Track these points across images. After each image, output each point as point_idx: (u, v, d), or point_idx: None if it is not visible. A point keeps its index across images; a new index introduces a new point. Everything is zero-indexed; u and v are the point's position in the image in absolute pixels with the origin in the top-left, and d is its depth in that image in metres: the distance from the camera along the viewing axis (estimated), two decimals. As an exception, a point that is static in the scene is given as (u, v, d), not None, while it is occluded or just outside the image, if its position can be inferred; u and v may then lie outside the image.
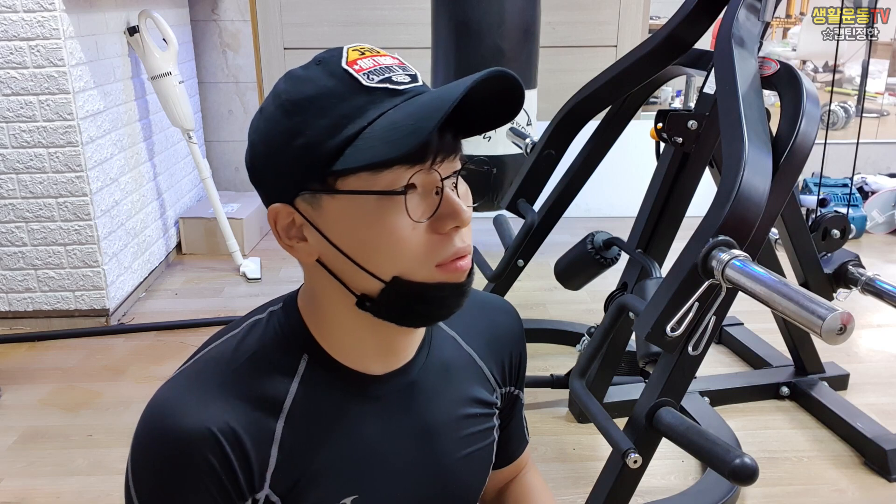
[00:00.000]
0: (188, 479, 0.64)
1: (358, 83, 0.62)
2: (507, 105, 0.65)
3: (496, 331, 0.85)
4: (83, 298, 2.78)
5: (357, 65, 0.63)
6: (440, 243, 0.64)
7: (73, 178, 2.64)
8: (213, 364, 0.69)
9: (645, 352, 1.53)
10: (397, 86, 0.63)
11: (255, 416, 0.66)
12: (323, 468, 0.69)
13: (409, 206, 0.62)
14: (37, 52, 2.51)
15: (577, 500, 1.82)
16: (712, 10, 1.76)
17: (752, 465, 1.09)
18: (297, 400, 0.69)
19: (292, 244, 0.67)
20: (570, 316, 2.83)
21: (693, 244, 1.22)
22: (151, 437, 0.65)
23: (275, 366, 0.69)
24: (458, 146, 0.65)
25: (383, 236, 0.63)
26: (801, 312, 1.01)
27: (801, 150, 1.33)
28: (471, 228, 0.67)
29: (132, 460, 0.66)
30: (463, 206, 0.64)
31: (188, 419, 0.64)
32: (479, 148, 3.19)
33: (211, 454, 0.63)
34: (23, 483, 1.92)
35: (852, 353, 2.59)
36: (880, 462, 1.95)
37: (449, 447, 0.77)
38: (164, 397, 0.66)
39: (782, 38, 6.11)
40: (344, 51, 0.65)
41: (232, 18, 3.95)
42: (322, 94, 0.63)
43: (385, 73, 0.63)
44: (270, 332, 0.71)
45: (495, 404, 0.83)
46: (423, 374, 0.76)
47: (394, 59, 0.66)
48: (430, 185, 0.63)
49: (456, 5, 3.02)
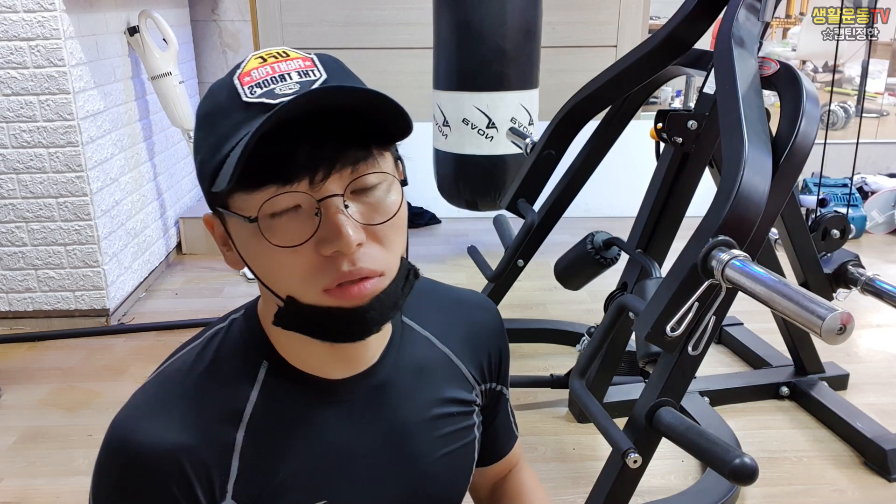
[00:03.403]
0: (144, 501, 0.64)
1: (238, 98, 0.60)
2: (387, 111, 0.59)
3: (473, 328, 0.83)
4: (83, 298, 2.78)
5: (249, 75, 0.61)
6: (325, 266, 0.60)
7: (74, 178, 2.64)
8: (172, 378, 0.69)
9: (645, 352, 1.53)
10: (273, 99, 0.59)
11: (215, 428, 0.66)
12: (287, 476, 0.68)
13: (273, 230, 0.59)
14: (37, 52, 2.51)
15: (577, 500, 1.82)
16: (712, 11, 1.76)
17: (751, 465, 1.09)
18: (258, 408, 0.67)
19: (225, 252, 0.67)
20: (570, 316, 2.83)
21: (693, 244, 1.22)
22: (109, 459, 0.65)
23: (234, 374, 0.68)
24: (354, 156, 0.59)
25: (261, 257, 0.61)
26: (800, 312, 1.01)
27: (800, 150, 1.33)
28: (394, 243, 0.63)
29: (93, 478, 0.67)
30: (345, 229, 0.58)
31: (146, 441, 0.63)
32: (481, 148, 3.19)
33: (168, 477, 0.63)
34: (22, 483, 1.92)
35: (852, 353, 2.59)
36: (880, 462, 1.94)
37: (424, 448, 0.76)
38: (123, 418, 0.66)
39: (782, 38, 6.11)
40: (246, 59, 0.63)
41: (232, 18, 3.95)
42: (211, 110, 0.62)
43: (272, 83, 0.60)
44: (230, 340, 0.70)
45: (475, 402, 0.82)
46: (393, 376, 0.74)
47: (305, 61, 0.62)
48: (313, 205, 0.59)
49: (457, 5, 3.02)
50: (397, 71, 4.00)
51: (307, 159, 0.58)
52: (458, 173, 3.30)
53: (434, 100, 3.27)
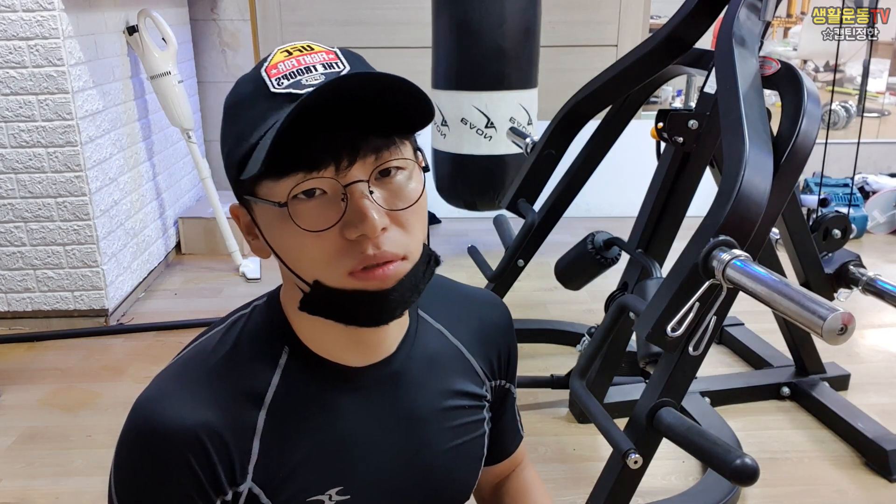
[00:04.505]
0: (165, 478, 0.65)
1: (266, 89, 0.62)
2: (411, 97, 0.61)
3: (484, 325, 0.85)
4: (82, 298, 2.77)
5: (276, 68, 0.63)
6: (350, 250, 0.62)
7: (72, 178, 2.64)
8: (195, 360, 0.70)
9: (645, 352, 1.52)
10: (300, 89, 0.61)
11: (237, 410, 0.67)
12: (305, 459, 0.70)
13: (301, 215, 0.61)
14: (36, 52, 2.50)
15: (577, 500, 1.81)
16: (713, 10, 1.76)
17: (752, 466, 1.09)
18: (279, 392, 0.69)
19: (250, 240, 0.69)
20: (570, 316, 2.83)
21: (694, 244, 1.21)
22: (132, 438, 0.66)
23: (256, 358, 0.70)
24: (377, 144, 0.61)
25: (287, 242, 0.63)
26: (801, 312, 1.01)
27: (802, 149, 1.33)
28: (416, 229, 0.65)
29: (115, 458, 0.68)
30: (370, 213, 0.60)
31: (168, 419, 0.65)
32: (481, 147, 3.18)
33: (190, 454, 0.64)
34: (22, 483, 1.92)
35: (853, 354, 2.59)
36: (881, 462, 1.94)
37: (435, 437, 0.77)
38: (146, 398, 0.67)
39: (783, 37, 6.11)
40: (271, 53, 0.65)
41: (231, 18, 3.95)
42: (238, 101, 0.65)
43: (298, 75, 0.62)
44: (252, 326, 0.72)
45: (485, 397, 0.83)
46: (407, 366, 0.76)
47: (328, 54, 0.64)
48: (339, 190, 0.61)
49: (456, 4, 3.02)
50: (396, 70, 3.96)
51: (333, 147, 0.60)
52: (456, 173, 3.30)
53: (433, 99, 3.26)
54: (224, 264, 3.43)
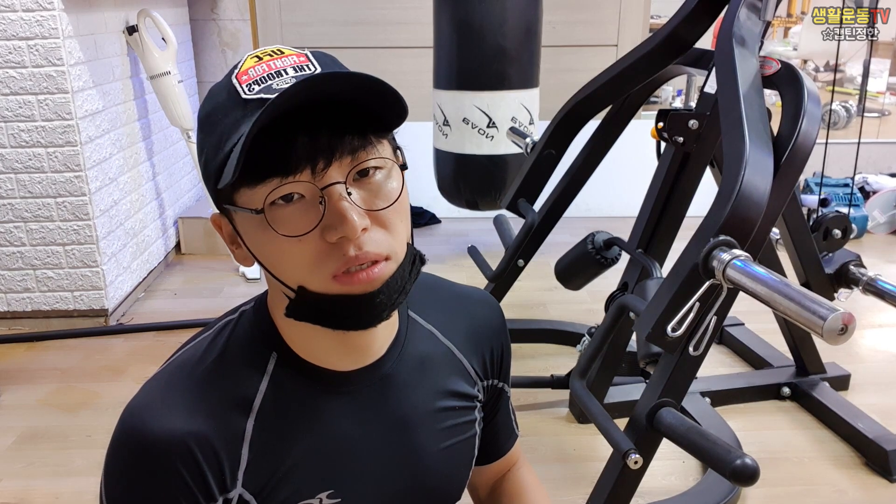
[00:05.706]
0: (155, 487, 0.65)
1: (238, 96, 0.62)
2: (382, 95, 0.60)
3: (475, 323, 0.84)
4: (82, 298, 2.77)
5: (247, 74, 0.62)
6: (332, 253, 0.61)
7: (72, 178, 2.63)
8: (183, 367, 0.70)
9: (645, 352, 1.52)
10: (271, 94, 0.60)
11: (226, 417, 0.67)
12: (295, 465, 0.70)
13: (280, 221, 0.60)
14: (35, 52, 2.50)
15: (577, 500, 1.81)
16: (713, 10, 1.76)
17: (752, 466, 1.09)
18: (267, 398, 0.69)
19: (234, 249, 0.69)
20: (570, 316, 2.83)
21: (694, 244, 1.21)
22: (121, 446, 0.66)
23: (244, 365, 0.70)
24: (353, 145, 0.60)
25: (269, 249, 0.63)
26: (802, 313, 1.01)
27: (802, 149, 1.33)
28: (398, 228, 0.64)
29: (105, 467, 0.68)
30: (349, 214, 0.59)
31: (157, 428, 0.64)
32: (483, 147, 3.18)
33: (180, 462, 0.64)
34: (22, 483, 1.92)
35: (853, 354, 2.58)
36: (881, 463, 1.94)
37: (427, 439, 0.77)
38: (135, 406, 0.67)
39: (783, 37, 6.11)
40: (242, 60, 0.64)
41: (231, 18, 3.95)
42: (212, 110, 0.64)
43: (269, 80, 0.61)
44: (240, 332, 0.71)
45: (477, 397, 0.83)
46: (397, 368, 0.75)
47: (299, 57, 0.63)
48: (316, 194, 0.60)
49: (457, 4, 3.01)
50: (397, 70, 4.00)
51: (307, 150, 0.59)
52: (458, 173, 3.30)
53: (434, 99, 3.26)
54: (224, 264, 3.43)
